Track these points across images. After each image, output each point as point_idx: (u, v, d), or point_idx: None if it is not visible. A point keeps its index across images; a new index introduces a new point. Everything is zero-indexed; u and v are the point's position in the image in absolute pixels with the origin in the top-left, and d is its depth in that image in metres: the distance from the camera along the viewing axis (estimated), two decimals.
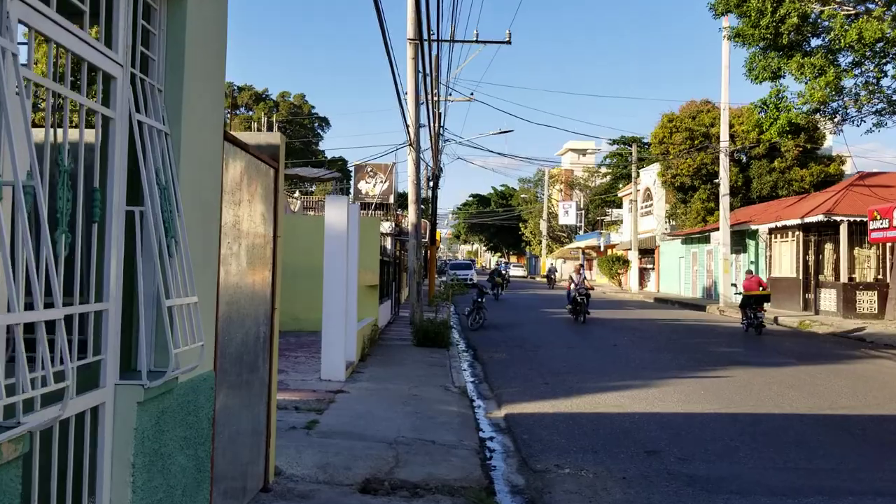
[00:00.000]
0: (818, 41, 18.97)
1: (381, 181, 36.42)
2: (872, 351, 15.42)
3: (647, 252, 43.28)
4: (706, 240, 32.79)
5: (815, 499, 5.42)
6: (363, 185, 36.62)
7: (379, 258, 16.08)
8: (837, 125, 20.00)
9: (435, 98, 23.07)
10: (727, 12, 19.05)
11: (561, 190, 66.94)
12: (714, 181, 34.01)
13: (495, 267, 36.69)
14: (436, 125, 24.65)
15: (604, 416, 8.15)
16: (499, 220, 77.92)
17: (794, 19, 17.54)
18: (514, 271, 69.87)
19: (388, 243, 20.85)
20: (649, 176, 42.52)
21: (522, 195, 75.55)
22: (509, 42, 20.04)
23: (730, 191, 28.36)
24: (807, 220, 23.82)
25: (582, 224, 62.75)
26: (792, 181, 32.97)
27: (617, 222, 55.30)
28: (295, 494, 4.90)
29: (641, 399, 9.21)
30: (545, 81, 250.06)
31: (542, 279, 55.34)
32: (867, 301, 22.28)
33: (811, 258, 24.73)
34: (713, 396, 9.48)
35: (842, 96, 18.72)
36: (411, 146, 17.33)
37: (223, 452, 4.04)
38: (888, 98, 19.09)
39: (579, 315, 20.42)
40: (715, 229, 30.27)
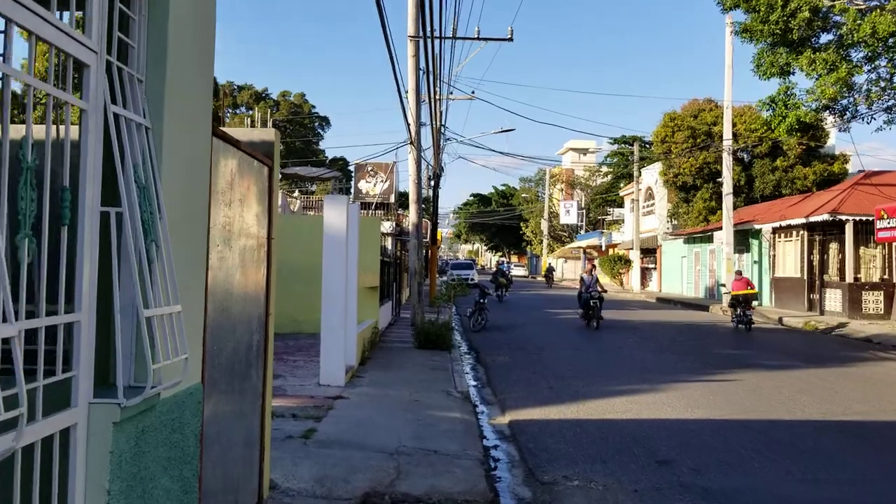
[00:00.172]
0: (829, 36, 18.64)
1: (382, 180, 36.16)
2: (881, 353, 15.16)
3: (649, 252, 43.02)
4: (709, 239, 32.53)
5: None
6: (363, 185, 36.35)
7: (379, 259, 15.83)
8: (846, 123, 19.69)
9: (437, 97, 22.82)
10: (735, 7, 18.73)
11: (562, 189, 66.69)
12: (716, 180, 33.75)
13: (498, 267, 36.34)
14: (437, 123, 24.41)
15: (611, 423, 7.90)
16: (500, 220, 77.67)
17: (806, 13, 17.19)
18: (516, 271, 69.69)
19: (389, 243, 20.60)
20: (651, 175, 42.26)
21: (524, 194, 75.31)
22: (511, 39, 19.76)
23: (732, 190, 28.10)
24: (811, 220, 23.57)
25: (583, 223, 62.51)
26: (795, 180, 32.71)
27: (618, 222, 55.04)
28: None
29: (649, 404, 8.95)
30: (547, 80, 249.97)
31: (542, 279, 55.38)
32: (873, 301, 22.03)
33: (816, 258, 24.47)
34: (723, 401, 9.22)
35: (852, 93, 18.41)
36: (412, 144, 17.07)
37: (213, 470, 3.78)
38: None
39: (592, 320, 19.06)
40: (717, 228, 30.00)
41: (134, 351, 2.72)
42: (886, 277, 22.71)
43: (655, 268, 43.04)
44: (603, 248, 50.92)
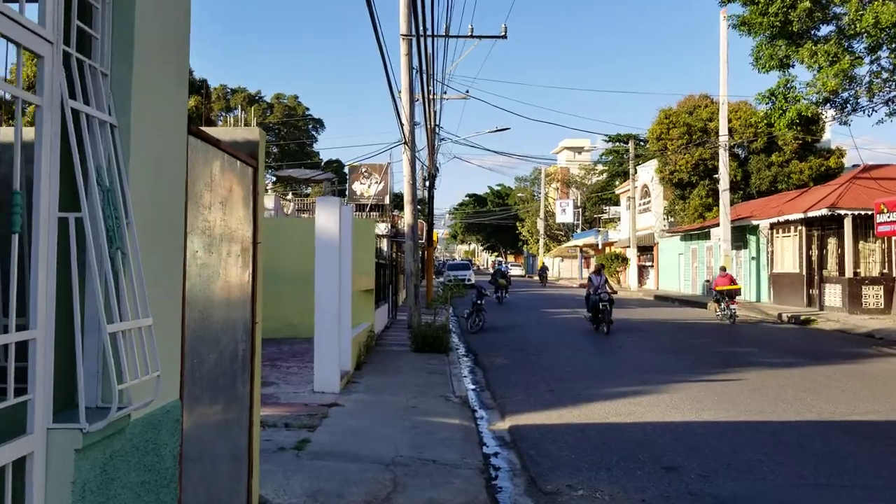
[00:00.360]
0: (829, 27, 18.44)
1: (377, 182, 35.92)
2: (885, 348, 14.97)
3: (646, 249, 42.84)
4: (706, 236, 32.36)
5: None
6: (358, 187, 36.12)
7: (375, 261, 15.59)
8: (847, 116, 19.50)
9: (431, 96, 22.60)
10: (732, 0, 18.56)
11: (558, 188, 66.51)
12: (713, 177, 33.61)
13: (497, 267, 36.09)
14: (431, 123, 24.17)
15: (614, 427, 7.67)
16: (496, 220, 77.48)
17: (807, 3, 16.97)
18: (512, 270, 69.53)
19: (385, 245, 20.36)
20: (647, 172, 42.09)
21: (519, 194, 75.15)
22: (505, 36, 19.53)
23: (729, 186, 27.92)
24: (810, 215, 23.40)
25: (579, 222, 62.34)
26: (791, 175, 32.56)
27: (615, 220, 54.89)
28: None
29: (653, 406, 8.73)
30: (541, 78, 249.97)
31: (537, 278, 55.33)
32: (873, 296, 21.89)
33: (815, 253, 24.30)
34: (728, 402, 9.00)
35: (853, 85, 18.20)
36: (406, 144, 16.84)
37: (195, 491, 3.54)
38: None
39: (601, 324, 17.46)
40: (714, 225, 29.83)
41: (100, 370, 2.49)
42: (886, 272, 22.55)
43: (652, 265, 42.86)
44: (599, 247, 50.74)
